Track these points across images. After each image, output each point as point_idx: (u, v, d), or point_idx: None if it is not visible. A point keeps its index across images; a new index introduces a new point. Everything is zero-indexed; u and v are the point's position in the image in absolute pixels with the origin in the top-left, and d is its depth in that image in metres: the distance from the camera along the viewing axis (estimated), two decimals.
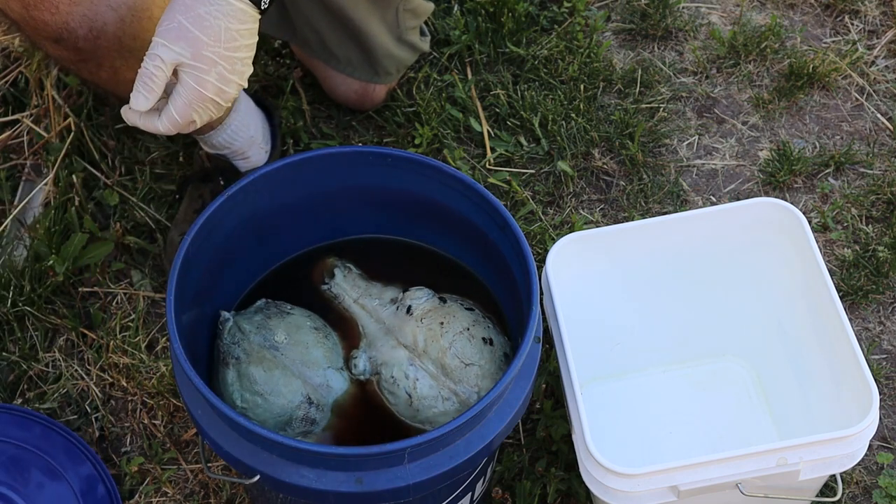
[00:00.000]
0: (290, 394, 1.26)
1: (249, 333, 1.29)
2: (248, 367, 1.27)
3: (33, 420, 1.53)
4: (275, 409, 1.26)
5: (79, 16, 1.31)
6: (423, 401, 1.27)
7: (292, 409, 1.26)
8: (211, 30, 1.21)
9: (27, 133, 1.85)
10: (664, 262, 1.53)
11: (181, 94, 1.23)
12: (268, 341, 1.28)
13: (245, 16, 1.23)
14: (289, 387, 1.27)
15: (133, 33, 1.35)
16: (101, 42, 1.34)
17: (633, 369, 1.62)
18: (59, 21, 1.30)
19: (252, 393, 1.26)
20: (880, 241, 1.75)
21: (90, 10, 1.31)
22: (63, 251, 1.68)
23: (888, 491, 1.51)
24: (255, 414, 1.26)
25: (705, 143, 1.90)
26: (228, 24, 1.22)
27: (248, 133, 1.65)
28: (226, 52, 1.23)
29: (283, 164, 1.31)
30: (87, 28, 1.32)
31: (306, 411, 1.27)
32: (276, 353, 1.28)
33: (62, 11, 1.30)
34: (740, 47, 2.00)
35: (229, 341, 1.29)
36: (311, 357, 1.29)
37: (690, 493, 1.28)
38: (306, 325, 1.32)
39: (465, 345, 1.29)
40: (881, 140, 1.90)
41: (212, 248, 1.29)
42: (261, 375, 1.26)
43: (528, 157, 1.86)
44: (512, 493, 1.53)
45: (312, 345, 1.30)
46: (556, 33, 1.99)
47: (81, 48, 1.34)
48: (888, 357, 1.66)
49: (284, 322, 1.31)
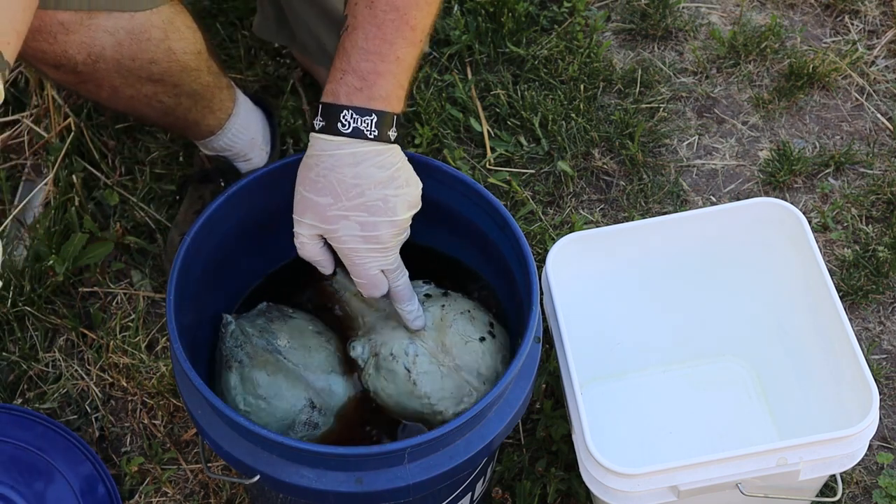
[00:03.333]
0: (293, 398, 1.26)
1: (252, 337, 1.29)
2: (251, 371, 1.27)
3: (33, 420, 1.53)
4: (278, 413, 1.26)
5: (76, 43, 1.30)
6: (423, 376, 1.25)
7: (295, 414, 1.26)
8: (325, 189, 1.18)
9: (27, 133, 1.85)
10: (664, 262, 1.53)
11: (342, 256, 1.21)
12: (271, 345, 1.28)
13: (355, 157, 1.17)
14: (292, 391, 1.26)
15: (131, 55, 1.35)
16: (99, 65, 1.34)
17: (633, 369, 1.62)
18: (58, 50, 1.30)
19: (255, 397, 1.26)
20: (880, 241, 1.75)
21: (87, 37, 1.30)
22: (63, 251, 1.68)
23: (888, 491, 1.51)
24: (259, 418, 1.26)
25: (705, 143, 1.90)
26: (340, 175, 1.17)
27: (248, 135, 1.65)
28: (354, 202, 1.17)
29: (283, 165, 1.31)
30: (86, 54, 1.32)
31: (309, 415, 1.26)
32: (279, 357, 1.27)
33: (59, 41, 1.29)
34: (740, 47, 2.00)
35: (232, 344, 1.29)
36: (314, 361, 1.29)
37: (690, 493, 1.28)
38: (308, 328, 1.31)
39: (465, 324, 1.28)
40: (881, 140, 1.90)
41: (212, 248, 1.29)
42: (264, 379, 1.26)
43: (528, 157, 1.86)
44: (512, 493, 1.53)
45: (315, 348, 1.30)
46: (556, 33, 1.99)
47: (81, 72, 1.34)
48: (888, 357, 1.66)
49: (287, 326, 1.31)
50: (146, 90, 1.42)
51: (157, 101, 1.45)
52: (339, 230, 1.19)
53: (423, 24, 1.18)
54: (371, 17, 1.16)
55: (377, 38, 1.17)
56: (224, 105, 1.57)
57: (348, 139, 1.17)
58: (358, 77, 1.17)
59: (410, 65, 1.19)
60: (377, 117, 1.17)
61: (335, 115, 1.17)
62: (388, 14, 1.16)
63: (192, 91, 1.47)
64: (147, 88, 1.41)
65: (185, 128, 1.57)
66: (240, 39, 1.96)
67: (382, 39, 1.16)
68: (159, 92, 1.43)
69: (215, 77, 1.51)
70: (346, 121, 1.17)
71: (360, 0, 1.17)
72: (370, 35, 1.17)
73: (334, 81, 1.19)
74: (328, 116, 1.18)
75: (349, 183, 1.17)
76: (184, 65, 1.41)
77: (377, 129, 1.17)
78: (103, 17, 1.30)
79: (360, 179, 1.17)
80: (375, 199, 1.18)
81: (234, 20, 2.00)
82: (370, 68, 1.17)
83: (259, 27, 1.84)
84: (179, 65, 1.41)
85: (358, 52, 1.17)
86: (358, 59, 1.17)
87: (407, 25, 1.17)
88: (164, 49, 1.38)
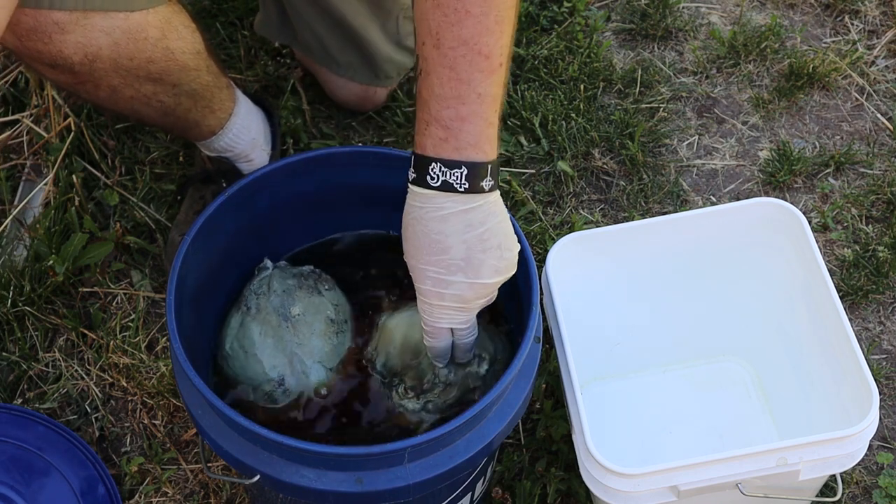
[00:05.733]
0: (269, 366, 1.28)
1: (273, 293, 1.30)
2: (251, 322, 1.29)
3: (33, 420, 1.53)
4: (248, 371, 1.28)
5: (72, 43, 1.30)
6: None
7: (262, 381, 1.28)
8: (411, 240, 1.14)
9: (27, 133, 1.85)
10: (664, 262, 1.53)
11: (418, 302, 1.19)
12: (284, 308, 1.29)
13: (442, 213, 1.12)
14: (271, 360, 1.28)
15: (129, 54, 1.34)
16: (97, 65, 1.33)
17: (633, 369, 1.62)
18: (53, 50, 1.30)
19: (240, 346, 1.28)
20: (880, 241, 1.75)
21: (83, 37, 1.30)
22: (63, 251, 1.68)
23: (888, 491, 1.51)
24: (234, 365, 1.28)
25: (705, 143, 1.90)
26: (425, 229, 1.13)
27: (249, 136, 1.65)
28: (434, 258, 1.13)
29: (283, 164, 1.32)
30: (82, 54, 1.31)
31: (272, 389, 1.27)
32: (282, 323, 1.29)
33: (55, 40, 1.29)
34: (740, 47, 2.00)
35: (254, 289, 1.31)
36: (310, 344, 1.29)
37: (690, 493, 1.28)
38: (325, 313, 1.32)
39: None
40: (881, 140, 1.90)
41: (212, 248, 1.29)
42: (255, 335, 1.28)
43: (528, 157, 1.86)
44: (512, 493, 1.53)
45: (318, 334, 1.30)
46: (556, 33, 1.99)
47: (78, 72, 1.33)
48: (888, 357, 1.66)
49: (309, 299, 1.31)
50: (145, 90, 1.42)
51: (157, 101, 1.45)
52: (416, 280, 1.16)
53: (498, 48, 1.10)
54: (441, 59, 1.09)
55: (452, 81, 1.09)
56: (224, 105, 1.57)
57: (438, 193, 1.12)
58: (441, 127, 1.11)
59: (496, 96, 1.11)
60: (467, 169, 1.10)
61: (425, 167, 1.12)
62: (456, 50, 1.09)
63: (191, 91, 1.47)
64: (146, 88, 1.41)
65: (185, 128, 1.57)
66: (240, 39, 1.96)
67: (458, 80, 1.09)
68: (159, 92, 1.43)
69: (215, 77, 1.51)
70: (434, 174, 1.11)
71: (427, 39, 1.10)
72: (444, 78, 1.09)
73: (420, 133, 1.12)
74: (419, 169, 1.13)
75: (432, 238, 1.13)
76: (182, 64, 1.41)
77: (468, 182, 1.11)
78: (99, 16, 1.30)
79: (443, 236, 1.12)
80: (457, 258, 1.13)
81: (234, 20, 2.00)
82: (452, 115, 1.10)
83: (260, 26, 1.84)
84: (178, 64, 1.41)
85: (436, 99, 1.10)
86: (438, 108, 1.10)
87: (480, 56, 1.09)
88: (162, 49, 1.38)
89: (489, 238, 1.13)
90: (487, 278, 1.14)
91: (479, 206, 1.13)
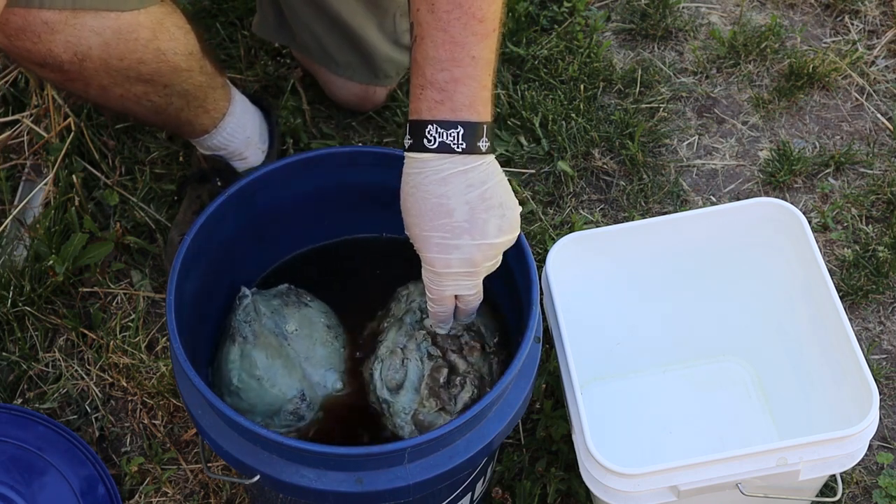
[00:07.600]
0: (286, 386, 1.27)
1: (263, 315, 1.29)
2: (252, 349, 1.27)
3: (33, 420, 1.53)
4: (267, 398, 1.26)
5: (62, 42, 1.29)
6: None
7: (284, 402, 1.26)
8: (412, 208, 1.13)
9: (27, 133, 1.85)
10: (664, 262, 1.53)
11: (422, 272, 1.18)
12: (278, 328, 1.28)
13: (441, 175, 1.12)
14: (287, 378, 1.27)
15: (119, 55, 1.34)
16: (86, 64, 1.33)
17: (633, 369, 1.62)
18: (43, 49, 1.29)
19: (250, 375, 1.26)
20: (880, 241, 1.75)
21: (73, 37, 1.29)
22: (63, 251, 1.68)
23: (888, 491, 1.51)
24: (247, 397, 1.26)
25: (705, 143, 1.90)
26: (424, 194, 1.12)
27: (244, 134, 1.64)
28: (437, 222, 1.12)
29: (283, 164, 1.31)
30: (72, 53, 1.31)
31: (297, 406, 1.27)
32: (283, 342, 1.28)
33: (44, 39, 1.28)
34: (740, 47, 2.00)
35: (242, 318, 1.29)
36: (316, 354, 1.29)
37: (690, 493, 1.28)
38: (320, 321, 1.32)
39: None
40: (881, 140, 1.90)
41: (212, 248, 1.29)
42: (263, 361, 1.26)
43: (529, 157, 1.86)
44: (512, 493, 1.53)
45: (320, 342, 1.30)
46: (556, 33, 1.99)
47: (67, 70, 1.33)
48: (888, 357, 1.66)
49: (300, 313, 1.31)
50: (136, 90, 1.41)
51: (148, 101, 1.44)
52: (421, 249, 1.15)
53: (492, 11, 1.10)
54: (435, 22, 1.10)
55: (447, 44, 1.10)
56: (218, 104, 1.57)
57: (435, 155, 1.12)
58: (436, 89, 1.11)
59: (489, 60, 1.12)
60: (463, 129, 1.11)
61: (421, 131, 1.12)
62: (451, 13, 1.09)
63: (183, 91, 1.46)
64: (137, 88, 1.41)
65: (177, 126, 1.57)
66: (239, 39, 1.96)
67: (453, 43, 1.10)
68: (149, 91, 1.43)
69: (209, 77, 1.50)
70: (431, 136, 1.11)
71: (422, 5, 1.11)
72: (438, 42, 1.10)
73: (415, 98, 1.13)
74: (415, 134, 1.13)
75: (433, 202, 1.12)
76: (174, 65, 1.41)
77: (465, 142, 1.11)
78: (89, 16, 1.29)
79: (445, 199, 1.12)
80: (461, 220, 1.12)
81: (234, 20, 2.00)
82: (447, 77, 1.11)
83: (258, 27, 1.84)
84: (169, 65, 1.40)
85: (430, 62, 1.10)
86: (433, 71, 1.11)
87: (475, 19, 1.09)
88: (153, 49, 1.37)
89: (491, 196, 1.13)
90: (493, 238, 1.14)
91: (479, 166, 1.13)
